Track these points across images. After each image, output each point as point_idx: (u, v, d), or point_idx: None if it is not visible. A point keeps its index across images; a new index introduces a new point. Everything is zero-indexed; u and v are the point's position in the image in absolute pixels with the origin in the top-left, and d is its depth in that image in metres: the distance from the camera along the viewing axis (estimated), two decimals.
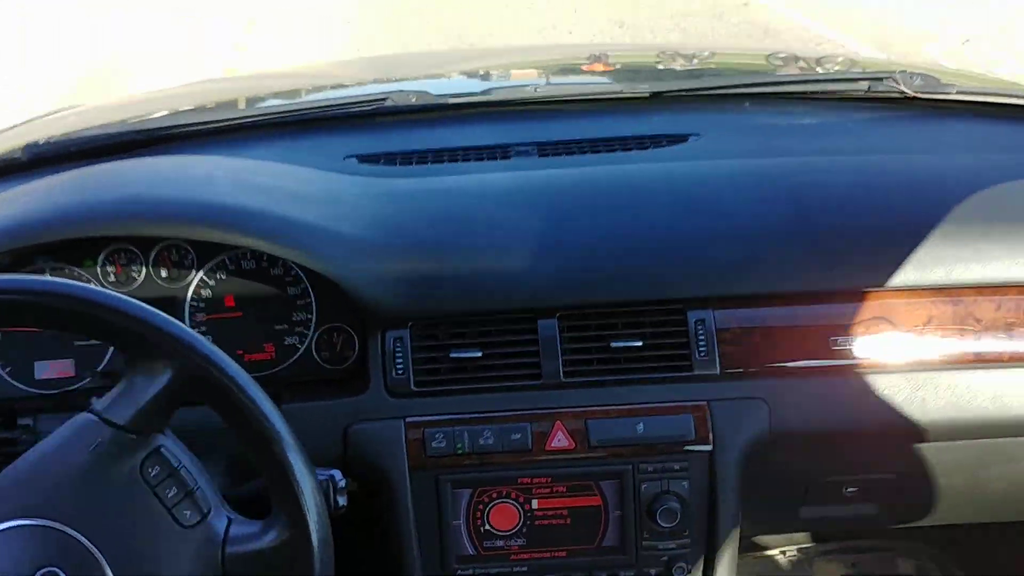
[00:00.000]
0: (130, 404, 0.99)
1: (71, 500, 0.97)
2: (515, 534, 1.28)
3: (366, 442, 1.25)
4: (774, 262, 1.28)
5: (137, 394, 0.99)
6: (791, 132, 1.57)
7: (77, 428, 1.00)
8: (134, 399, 0.99)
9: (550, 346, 1.26)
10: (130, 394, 0.99)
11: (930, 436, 1.32)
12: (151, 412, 0.99)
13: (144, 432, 1.00)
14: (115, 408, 0.99)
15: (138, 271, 1.30)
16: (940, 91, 1.59)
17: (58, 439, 1.00)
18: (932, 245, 1.28)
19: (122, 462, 0.99)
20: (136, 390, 0.99)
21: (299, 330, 1.32)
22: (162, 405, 1.00)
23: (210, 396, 1.00)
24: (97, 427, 0.98)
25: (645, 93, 1.62)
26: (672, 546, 1.28)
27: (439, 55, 2.41)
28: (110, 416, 0.98)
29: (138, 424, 0.99)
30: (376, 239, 1.27)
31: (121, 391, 1.00)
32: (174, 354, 0.98)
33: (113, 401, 1.00)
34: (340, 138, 1.57)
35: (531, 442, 1.25)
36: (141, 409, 0.99)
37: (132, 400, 0.99)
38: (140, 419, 0.99)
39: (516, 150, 1.50)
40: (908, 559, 1.95)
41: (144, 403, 0.99)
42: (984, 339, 1.28)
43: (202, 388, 0.99)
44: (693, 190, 1.35)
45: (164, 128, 1.55)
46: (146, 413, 0.99)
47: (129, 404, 0.99)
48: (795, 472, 1.39)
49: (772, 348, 1.27)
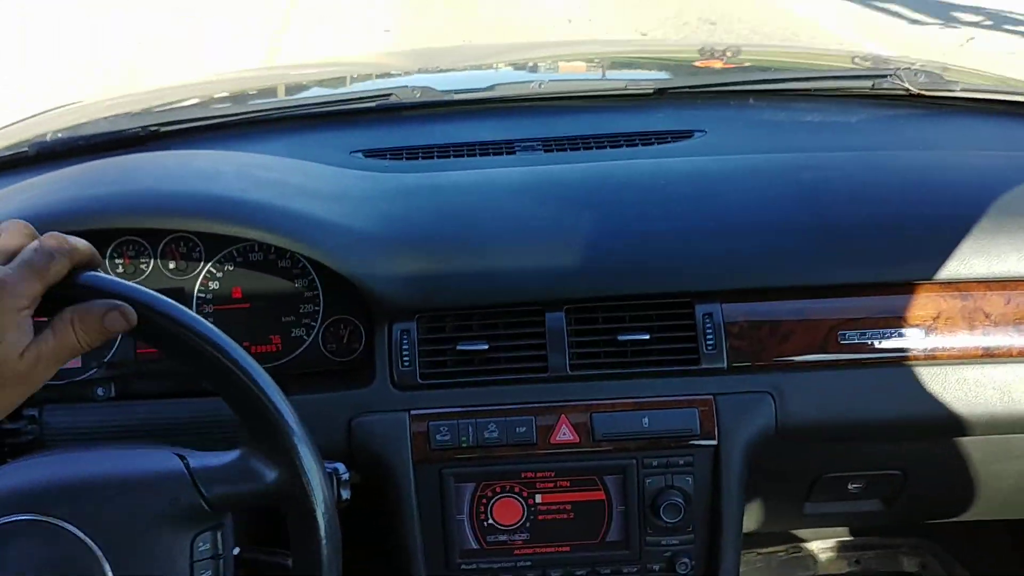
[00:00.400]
0: (228, 484, 0.96)
1: (120, 532, 0.95)
2: (518, 528, 1.28)
3: (371, 434, 1.25)
4: (782, 256, 1.28)
5: (241, 481, 0.96)
6: (796, 128, 1.57)
7: (165, 474, 0.97)
8: (236, 483, 0.96)
9: (557, 339, 1.26)
10: (234, 475, 0.96)
11: (937, 431, 1.31)
12: (241, 502, 0.98)
13: (220, 511, 0.98)
14: (212, 478, 0.96)
15: (146, 263, 1.31)
16: (944, 88, 1.60)
17: (140, 472, 0.97)
18: (940, 239, 1.28)
19: (184, 525, 0.97)
20: (242, 476, 0.96)
21: (306, 322, 1.33)
22: (255, 502, 0.98)
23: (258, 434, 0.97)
24: (184, 484, 0.96)
25: (650, 89, 1.62)
26: (675, 542, 1.28)
27: (444, 51, 2.41)
28: (201, 483, 0.96)
29: (222, 504, 0.97)
30: (383, 233, 1.28)
31: (228, 463, 0.97)
32: (296, 482, 0.95)
33: (214, 470, 0.97)
34: (346, 133, 1.58)
35: (536, 436, 1.25)
36: (234, 496, 0.96)
37: (233, 482, 0.96)
38: (227, 502, 0.97)
39: (521, 145, 1.51)
40: (912, 556, 1.95)
41: (243, 494, 0.96)
42: (993, 334, 1.28)
43: (294, 506, 0.97)
44: (700, 185, 1.35)
45: (170, 123, 1.55)
46: (237, 501, 0.97)
47: (227, 483, 0.96)
48: (800, 468, 1.39)
49: (780, 342, 1.27)
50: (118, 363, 1.30)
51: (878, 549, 1.95)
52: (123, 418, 1.28)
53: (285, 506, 0.98)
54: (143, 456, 1.00)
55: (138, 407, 1.29)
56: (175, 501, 0.96)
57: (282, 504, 0.98)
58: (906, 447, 1.37)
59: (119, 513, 0.95)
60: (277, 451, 0.96)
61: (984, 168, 1.40)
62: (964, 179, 1.36)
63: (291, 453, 0.95)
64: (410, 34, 7.43)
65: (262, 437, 0.97)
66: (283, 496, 0.97)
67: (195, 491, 0.96)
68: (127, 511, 0.95)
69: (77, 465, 1.00)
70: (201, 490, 0.96)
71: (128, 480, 0.97)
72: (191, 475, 0.96)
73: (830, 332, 1.27)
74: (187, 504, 0.96)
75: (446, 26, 7.62)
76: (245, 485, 0.97)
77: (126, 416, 1.28)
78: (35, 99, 5.37)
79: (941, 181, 1.36)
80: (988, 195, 1.32)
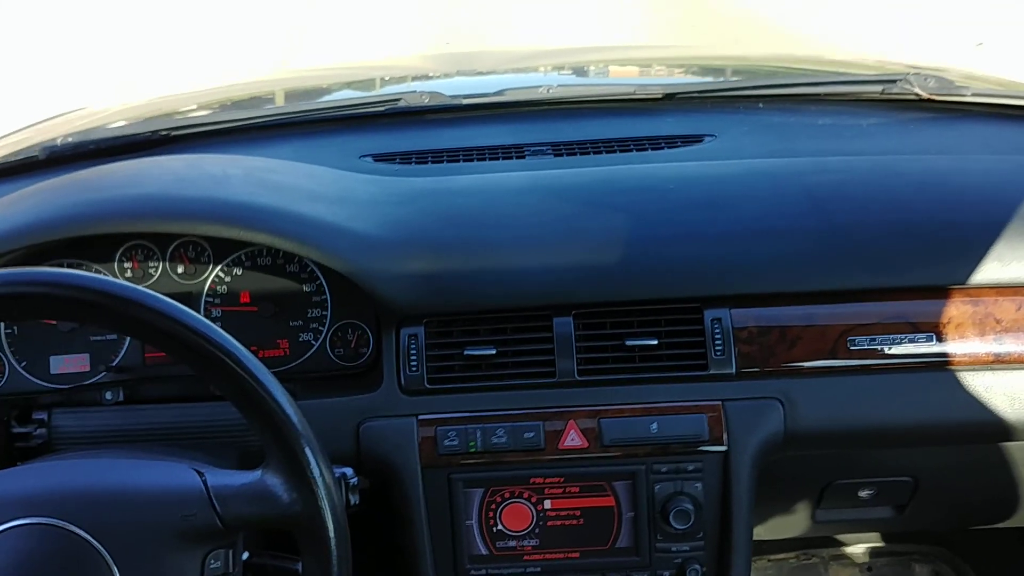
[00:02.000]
0: (244, 505, 0.96)
1: (133, 544, 0.95)
2: (528, 534, 1.28)
3: (378, 439, 1.25)
4: (791, 260, 1.27)
5: (257, 503, 0.96)
6: (806, 133, 1.57)
7: (183, 490, 0.96)
8: (252, 505, 0.96)
9: (565, 344, 1.26)
10: (252, 496, 0.96)
11: (947, 438, 1.31)
12: (255, 524, 0.97)
13: (233, 531, 0.98)
14: (229, 497, 0.96)
15: (155, 267, 1.31)
16: (955, 93, 1.59)
17: (158, 486, 0.97)
18: (951, 245, 1.27)
19: (197, 542, 0.97)
20: (259, 498, 0.96)
21: (314, 326, 1.32)
22: (269, 526, 0.97)
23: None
24: (201, 502, 0.96)
25: (659, 94, 1.62)
26: (685, 548, 1.28)
27: (454, 56, 2.41)
28: (218, 502, 0.96)
29: (236, 525, 0.97)
30: (391, 237, 1.27)
31: (246, 484, 0.96)
32: (313, 510, 0.95)
33: (231, 490, 0.96)
34: (355, 137, 1.58)
35: (544, 441, 1.24)
36: (250, 517, 0.96)
37: (250, 504, 0.96)
38: (242, 522, 0.97)
39: (531, 150, 1.51)
40: (924, 564, 1.94)
41: (258, 516, 0.96)
42: (1004, 340, 1.27)
43: (308, 532, 0.96)
44: (709, 189, 1.35)
45: (179, 127, 1.56)
46: (251, 522, 0.97)
47: (243, 504, 0.96)
48: (810, 474, 1.39)
49: (789, 347, 1.27)
50: (126, 367, 1.30)
51: (890, 556, 1.94)
52: (131, 422, 1.28)
53: (299, 531, 0.98)
54: (162, 469, 1.00)
55: (146, 411, 1.29)
56: (190, 518, 0.95)
57: (296, 530, 0.98)
58: (917, 454, 1.36)
59: (134, 524, 0.95)
60: (296, 476, 0.95)
61: (995, 173, 1.39)
62: (975, 184, 1.36)
63: (310, 481, 0.95)
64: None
65: (281, 459, 0.96)
66: (298, 521, 0.97)
67: (211, 510, 0.96)
68: (142, 523, 0.95)
69: (96, 472, 1.00)
70: (217, 509, 0.96)
71: (145, 492, 0.97)
72: (208, 493, 0.96)
73: (840, 338, 1.27)
74: (202, 522, 0.96)
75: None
76: (261, 507, 0.97)
77: (134, 420, 1.28)
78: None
79: (951, 186, 1.35)
80: (999, 200, 1.31)
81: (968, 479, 1.38)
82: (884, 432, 1.28)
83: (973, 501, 1.43)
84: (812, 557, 1.96)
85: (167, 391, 1.31)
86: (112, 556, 0.94)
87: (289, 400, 0.96)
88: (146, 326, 0.93)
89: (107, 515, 0.95)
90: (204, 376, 0.96)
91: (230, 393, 0.97)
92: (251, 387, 0.95)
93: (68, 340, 1.30)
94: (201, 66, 6.48)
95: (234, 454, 1.24)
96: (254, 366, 0.95)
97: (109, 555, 0.94)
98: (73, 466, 1.04)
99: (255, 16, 8.46)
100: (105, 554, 0.94)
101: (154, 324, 0.93)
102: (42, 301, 0.93)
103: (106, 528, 0.95)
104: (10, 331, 1.30)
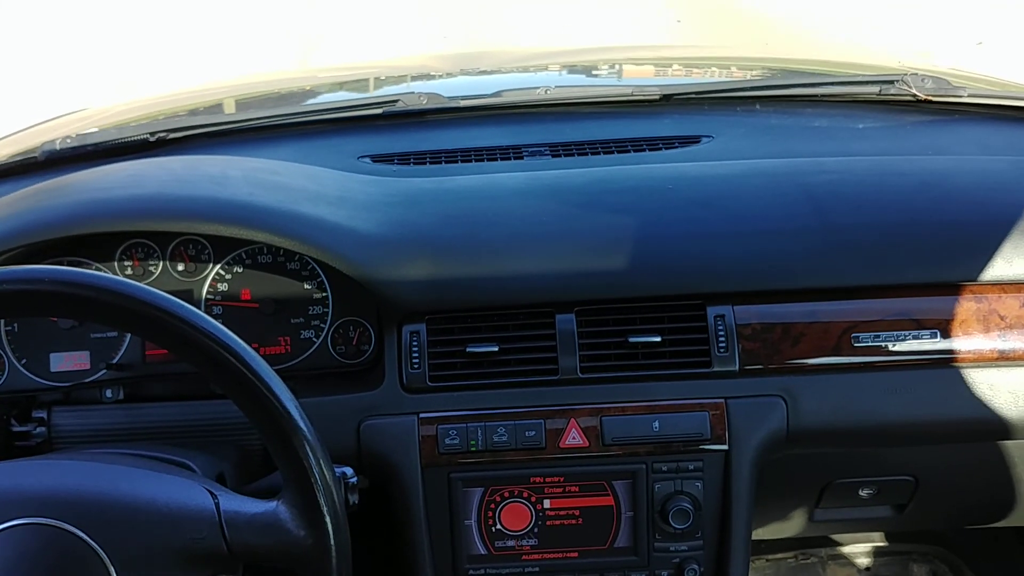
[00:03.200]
0: (254, 535, 0.95)
1: (138, 558, 0.95)
2: (527, 534, 1.28)
3: (379, 438, 1.25)
4: (793, 257, 1.28)
5: (267, 534, 0.95)
6: (803, 134, 1.57)
7: (195, 511, 0.96)
8: (262, 536, 0.95)
9: (568, 341, 1.26)
10: (262, 527, 0.96)
11: (950, 436, 1.31)
12: (261, 556, 0.96)
13: (239, 559, 0.97)
14: (240, 525, 0.95)
15: (155, 265, 1.31)
16: (951, 94, 1.59)
17: (171, 504, 0.96)
18: (952, 243, 1.28)
19: (200, 566, 0.96)
20: (270, 530, 0.95)
21: (315, 324, 1.33)
22: (274, 560, 0.97)
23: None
24: (211, 525, 0.95)
25: (656, 95, 1.62)
26: (684, 548, 1.28)
27: (452, 56, 2.41)
28: (228, 527, 0.95)
29: (243, 553, 0.96)
30: (393, 236, 1.28)
31: (259, 514, 0.96)
32: (322, 551, 0.95)
33: (243, 518, 0.96)
34: (353, 138, 1.58)
35: (545, 440, 1.24)
36: (257, 548, 0.96)
37: (259, 534, 0.95)
38: (248, 552, 0.96)
39: (529, 151, 1.51)
40: (923, 563, 1.94)
41: (265, 548, 0.95)
42: (1008, 337, 1.27)
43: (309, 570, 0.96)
44: (709, 189, 1.35)
45: (178, 129, 1.56)
46: (258, 553, 0.96)
47: (253, 534, 0.95)
48: (810, 473, 1.39)
49: (792, 344, 1.27)
50: (127, 365, 1.30)
51: (888, 556, 1.94)
52: (131, 420, 1.28)
53: (303, 570, 0.97)
54: (177, 486, 0.99)
55: (146, 409, 1.29)
56: (199, 540, 0.95)
57: (300, 568, 0.97)
58: (918, 452, 1.36)
59: (141, 538, 0.95)
60: (310, 513, 0.95)
61: (993, 172, 1.39)
62: (973, 183, 1.36)
63: (324, 521, 0.94)
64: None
65: (298, 496, 0.96)
66: (305, 560, 0.96)
67: (220, 535, 0.95)
68: (149, 538, 0.95)
69: (110, 480, 0.99)
70: (226, 535, 0.95)
71: (158, 508, 0.96)
72: (220, 518, 0.96)
73: (843, 334, 1.27)
74: (209, 545, 0.95)
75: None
76: (270, 539, 0.96)
77: (134, 418, 1.29)
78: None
79: (952, 185, 1.36)
80: (998, 199, 1.32)
81: (969, 478, 1.38)
82: (887, 429, 1.28)
83: (973, 500, 1.43)
84: (810, 557, 1.97)
85: (167, 389, 1.31)
86: (115, 567, 0.94)
87: (293, 400, 0.96)
88: (147, 322, 0.93)
89: (116, 525, 0.95)
90: (206, 374, 0.96)
91: (232, 391, 0.96)
92: (254, 384, 0.94)
93: (68, 338, 1.30)
94: (201, 66, 6.48)
95: (234, 452, 1.25)
96: (257, 364, 0.94)
97: (112, 566, 0.94)
98: (85, 469, 1.03)
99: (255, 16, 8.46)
100: (108, 564, 0.94)
101: (156, 321, 0.93)
102: (43, 298, 0.93)
103: (113, 538, 0.94)
104: (10, 329, 1.30)
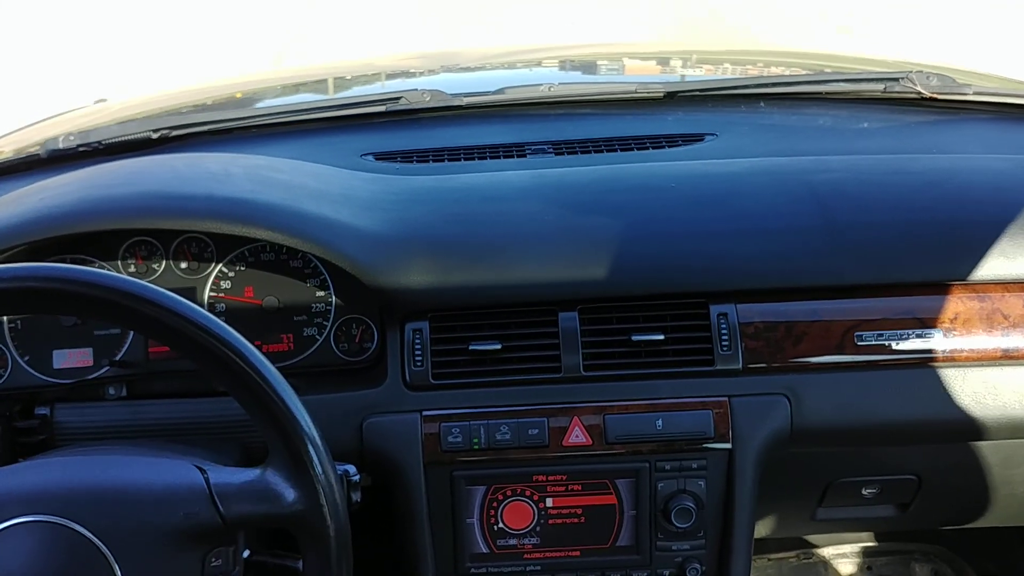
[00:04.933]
0: (246, 503, 0.96)
1: (134, 541, 0.95)
2: (529, 533, 1.28)
3: (382, 436, 1.25)
4: (797, 256, 1.27)
5: (259, 501, 0.96)
6: (807, 132, 1.57)
7: (185, 488, 0.96)
8: (254, 503, 0.96)
9: (571, 339, 1.26)
10: (253, 495, 0.96)
11: (953, 434, 1.30)
12: (256, 523, 0.97)
13: (234, 529, 0.97)
14: (231, 495, 0.96)
15: (158, 263, 1.31)
16: (956, 91, 1.59)
17: (160, 484, 0.97)
18: (956, 241, 1.27)
19: (197, 541, 0.96)
20: (261, 496, 0.96)
21: (318, 321, 1.33)
22: (270, 524, 0.97)
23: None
24: (203, 499, 0.96)
25: (660, 93, 1.62)
26: (686, 547, 1.28)
27: (455, 54, 2.41)
28: (220, 500, 0.95)
29: (238, 523, 0.96)
30: (396, 234, 1.27)
31: (248, 482, 0.96)
32: (314, 509, 0.95)
33: (233, 488, 0.96)
34: (355, 136, 1.58)
35: (548, 438, 1.24)
36: (251, 516, 0.96)
37: (251, 502, 0.96)
38: (243, 521, 0.96)
39: (532, 148, 1.51)
40: (925, 563, 1.94)
41: (259, 514, 0.96)
42: (1011, 335, 1.27)
43: (309, 531, 0.96)
44: (713, 187, 1.35)
45: (181, 126, 1.56)
46: (252, 521, 0.96)
47: (245, 502, 0.96)
48: (813, 472, 1.38)
49: (795, 343, 1.26)
50: (129, 362, 1.30)
51: (890, 555, 1.94)
52: (134, 417, 1.28)
53: (300, 530, 0.98)
54: (164, 466, 0.99)
55: (149, 406, 1.29)
56: (192, 516, 0.95)
57: (297, 528, 0.98)
58: (921, 451, 1.35)
59: (135, 522, 0.95)
60: (298, 474, 0.95)
61: (998, 171, 1.39)
62: (978, 182, 1.36)
63: (312, 479, 0.95)
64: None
65: (283, 457, 0.96)
66: (299, 520, 0.97)
67: (213, 508, 0.96)
68: (143, 521, 0.95)
69: (98, 470, 0.99)
70: (219, 507, 0.96)
71: (147, 490, 0.97)
72: (210, 491, 0.96)
73: (846, 333, 1.26)
74: (204, 520, 0.96)
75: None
76: (263, 505, 0.96)
77: (137, 415, 1.28)
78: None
79: (956, 184, 1.35)
80: (1003, 197, 1.31)
81: (972, 478, 1.38)
82: (891, 428, 1.28)
83: (977, 500, 1.43)
84: (812, 556, 1.96)
85: (170, 386, 1.31)
86: (113, 554, 0.94)
87: (293, 396, 0.96)
88: (150, 320, 0.93)
89: (109, 513, 0.95)
90: (208, 372, 0.96)
91: (234, 389, 0.97)
92: (255, 383, 0.94)
93: (71, 334, 1.30)
94: (201, 67, 6.48)
95: (237, 450, 1.25)
96: (259, 362, 0.94)
97: (110, 553, 0.94)
98: (74, 463, 1.04)
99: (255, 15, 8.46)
100: (106, 552, 0.94)
101: (158, 318, 0.93)
102: (47, 296, 0.93)
103: (108, 526, 0.94)
104: (13, 325, 1.30)
